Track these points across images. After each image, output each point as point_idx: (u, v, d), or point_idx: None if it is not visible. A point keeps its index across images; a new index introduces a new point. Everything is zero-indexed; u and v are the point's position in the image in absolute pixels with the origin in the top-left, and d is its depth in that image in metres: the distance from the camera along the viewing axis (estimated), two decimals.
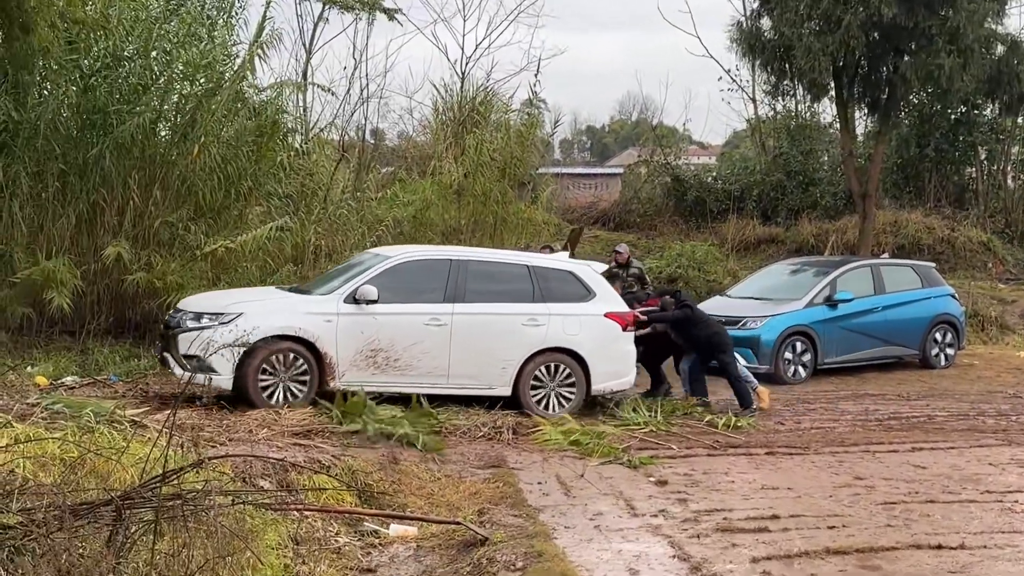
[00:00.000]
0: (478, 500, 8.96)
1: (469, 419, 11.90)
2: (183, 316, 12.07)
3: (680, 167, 30.67)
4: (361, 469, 9.30)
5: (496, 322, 12.54)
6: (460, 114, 25.84)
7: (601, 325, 12.98)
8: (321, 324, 11.92)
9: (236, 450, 9.16)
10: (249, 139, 16.83)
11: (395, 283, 12.34)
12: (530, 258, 13.77)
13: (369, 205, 20.60)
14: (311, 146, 20.25)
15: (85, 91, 15.65)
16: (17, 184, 14.91)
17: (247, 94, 17.57)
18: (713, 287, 22.05)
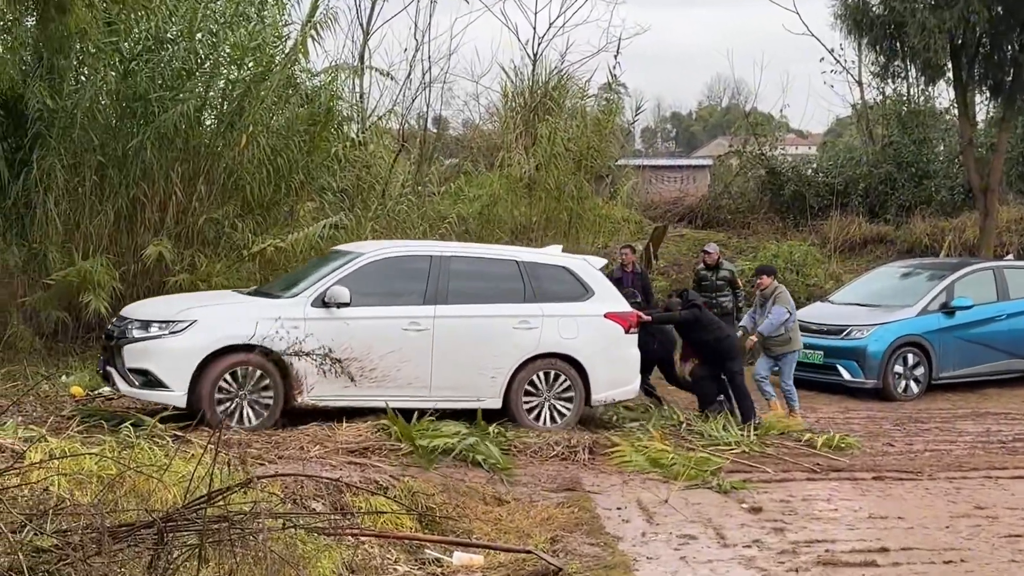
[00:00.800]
0: (551, 526, 8.94)
1: (540, 437, 11.87)
2: (128, 325, 11.64)
3: (776, 158, 30.33)
4: (422, 491, 9.33)
5: (483, 326, 12.32)
6: (532, 100, 25.82)
7: (601, 327, 12.77)
8: (286, 331, 11.63)
9: (286, 469, 9.26)
10: (301, 128, 17.01)
11: (369, 283, 12.08)
12: (519, 253, 13.56)
13: (431, 200, 20.75)
14: (368, 136, 20.42)
15: (125, 76, 15.92)
16: (52, 178, 15.23)
17: (299, 79, 17.77)
18: (813, 292, 21.81)
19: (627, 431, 12.42)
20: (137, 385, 11.28)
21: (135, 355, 11.33)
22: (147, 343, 11.35)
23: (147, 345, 11.34)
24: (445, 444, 10.86)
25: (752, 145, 30.50)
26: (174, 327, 11.39)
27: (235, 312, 11.94)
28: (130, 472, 7.24)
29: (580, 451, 11.48)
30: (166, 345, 11.29)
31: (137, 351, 11.34)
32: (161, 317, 11.57)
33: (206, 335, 11.33)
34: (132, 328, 11.54)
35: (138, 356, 11.31)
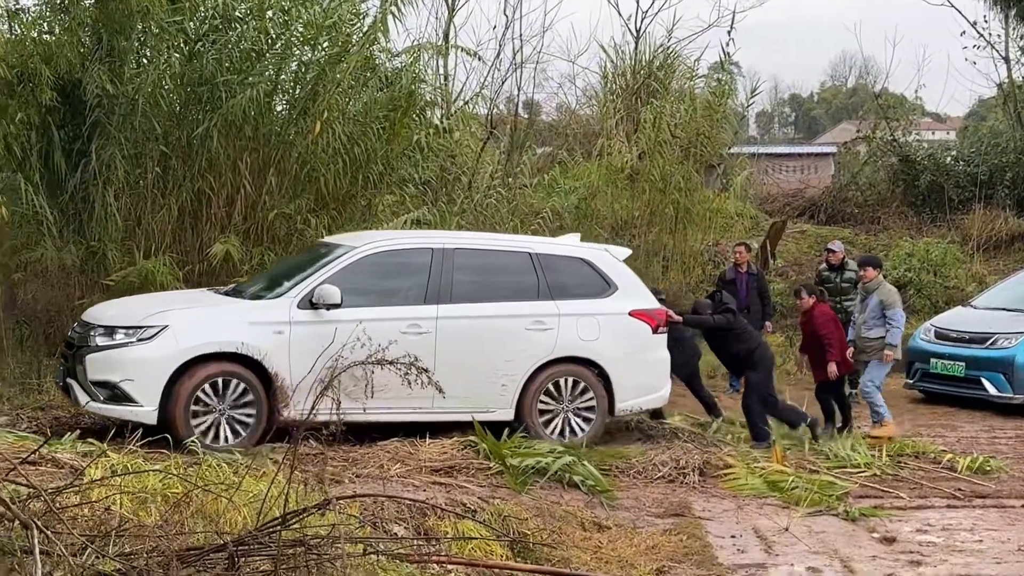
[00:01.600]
0: (656, 556, 8.91)
1: (645, 456, 11.85)
2: (91, 331, 11.32)
3: (910, 145, 29.89)
4: (514, 515, 9.34)
5: (492, 327, 12.11)
6: (634, 81, 25.84)
7: (625, 327, 12.58)
8: (270, 336, 11.32)
9: (365, 489, 9.34)
10: (380, 114, 17.10)
11: (362, 281, 11.82)
12: (532, 243, 13.35)
13: (522, 193, 20.79)
14: (453, 122, 20.51)
15: (190, 59, 16.17)
16: (112, 170, 15.50)
17: (378, 60, 17.86)
18: (953, 295, 21.50)
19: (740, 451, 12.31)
20: (101, 399, 10.94)
21: (99, 366, 10.99)
22: (112, 352, 11.02)
23: (112, 354, 11.00)
24: (539, 464, 10.86)
25: (883, 130, 30.10)
26: (142, 333, 11.07)
27: (212, 316, 11.71)
28: (197, 491, 7.36)
29: (689, 472, 11.42)
30: (134, 354, 10.96)
31: (101, 361, 11.00)
32: (128, 322, 11.23)
33: (179, 342, 11.03)
34: (95, 335, 11.20)
35: (102, 367, 10.97)
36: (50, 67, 15.19)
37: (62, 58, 15.59)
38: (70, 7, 16.36)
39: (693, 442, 12.51)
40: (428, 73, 20.19)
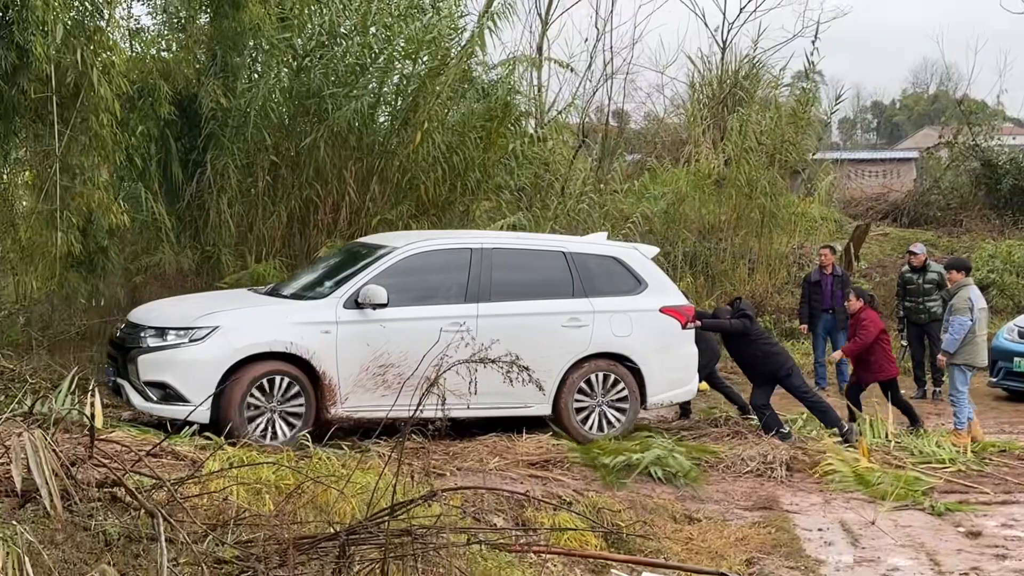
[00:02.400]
0: (745, 547, 8.85)
1: (733, 450, 11.77)
2: (142, 332, 11.07)
3: (992, 149, 29.36)
4: (607, 507, 9.35)
5: (531, 324, 11.85)
6: (721, 91, 25.72)
7: (656, 322, 12.41)
8: (317, 336, 11.11)
9: (466, 481, 9.39)
10: (477, 124, 17.18)
11: (404, 281, 11.59)
12: (566, 242, 13.07)
13: (613, 198, 20.77)
14: (547, 131, 20.52)
15: (298, 73, 16.37)
16: (225, 179, 15.75)
17: (475, 73, 17.96)
18: None
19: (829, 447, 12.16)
20: (155, 400, 10.70)
21: (152, 367, 10.77)
22: (165, 353, 10.82)
23: (165, 355, 10.80)
24: (631, 459, 10.83)
25: (965, 135, 29.61)
26: (194, 334, 10.87)
27: (260, 316, 11.47)
28: (308, 483, 7.43)
29: (777, 467, 11.33)
30: (186, 355, 10.78)
31: (154, 362, 10.78)
32: (179, 323, 11.05)
33: (230, 343, 10.86)
34: (147, 336, 10.99)
35: (155, 368, 10.76)
36: (168, 82, 15.44)
37: (179, 74, 15.84)
38: (187, 26, 16.63)
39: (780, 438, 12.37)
40: (523, 84, 20.29)
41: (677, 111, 29.57)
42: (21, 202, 16.87)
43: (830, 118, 32.11)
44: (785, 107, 23.52)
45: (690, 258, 21.43)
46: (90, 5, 13.99)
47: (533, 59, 23.03)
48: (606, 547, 8.59)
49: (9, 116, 14.28)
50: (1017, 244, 23.97)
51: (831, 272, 16.72)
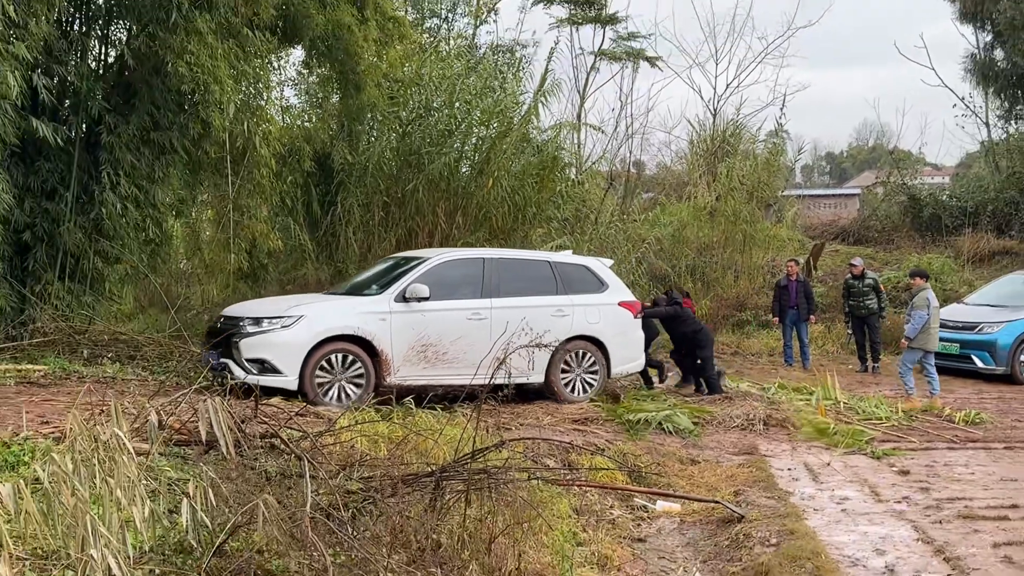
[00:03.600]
0: (734, 483, 8.77)
1: (723, 410, 11.64)
2: (241, 322, 10.78)
3: (916, 187, 28.84)
4: (631, 452, 9.31)
5: (529, 314, 11.41)
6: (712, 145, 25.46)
7: (617, 313, 12.14)
8: (376, 322, 10.87)
9: (527, 433, 9.37)
10: (533, 172, 17.18)
11: (437, 281, 11.31)
12: (549, 255, 12.87)
13: (634, 225, 20.63)
14: (584, 177, 20.48)
15: (403, 137, 16.45)
16: (351, 214, 15.88)
17: (532, 135, 17.96)
18: (949, 296, 20.61)
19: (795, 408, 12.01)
20: (255, 372, 10.37)
21: (252, 347, 10.51)
22: (262, 336, 10.54)
23: (263, 338, 10.52)
24: (647, 417, 10.77)
25: (895, 176, 29.13)
26: (285, 322, 10.62)
27: (334, 307, 11.17)
28: (412, 435, 7.46)
29: (756, 423, 11.18)
30: (280, 337, 10.51)
31: (254, 344, 10.51)
32: (271, 314, 10.80)
33: (313, 328, 10.61)
34: (246, 324, 10.70)
35: (255, 348, 10.50)
36: (309, 145, 15.63)
37: (317, 138, 16.03)
38: (323, 104, 16.83)
39: (759, 401, 12.24)
40: (566, 143, 20.24)
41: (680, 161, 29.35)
42: (204, 232, 17.14)
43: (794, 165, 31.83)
44: (760, 157, 23.30)
45: (691, 269, 21.28)
46: (253, 90, 14.20)
47: (574, 124, 22.98)
48: (630, 482, 8.56)
49: (196, 170, 14.56)
50: (935, 257, 23.56)
51: (796, 279, 16.52)
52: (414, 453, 7.03)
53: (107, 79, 12.96)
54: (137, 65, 12.31)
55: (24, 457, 6.26)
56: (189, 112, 12.93)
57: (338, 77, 15.81)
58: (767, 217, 24.44)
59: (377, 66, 15.69)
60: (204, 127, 13.01)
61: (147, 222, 13.17)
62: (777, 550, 6.66)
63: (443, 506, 5.71)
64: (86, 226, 12.53)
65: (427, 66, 16.85)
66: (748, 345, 18.33)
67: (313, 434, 6.93)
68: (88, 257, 12.60)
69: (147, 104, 12.51)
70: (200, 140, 13.30)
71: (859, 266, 16.30)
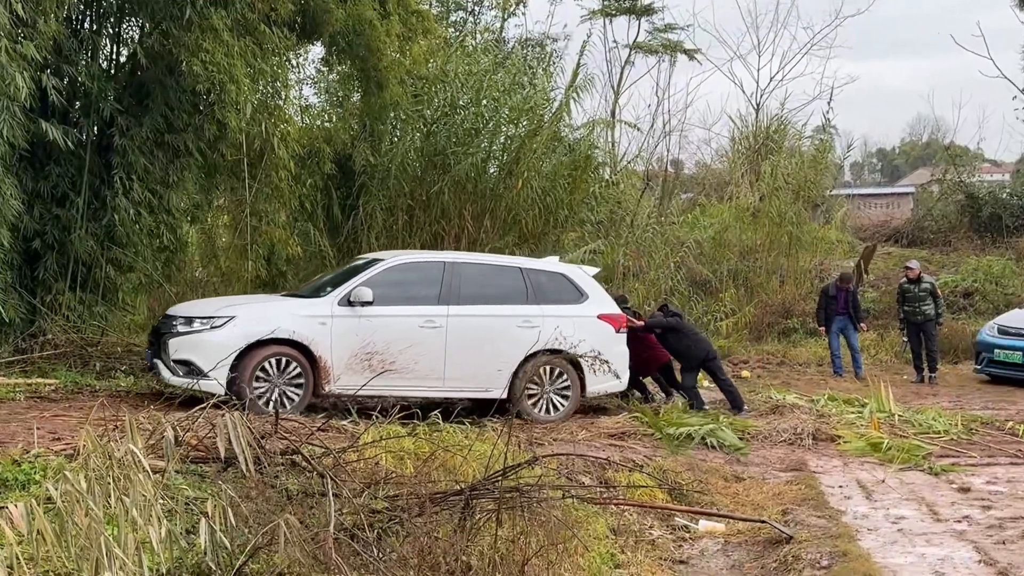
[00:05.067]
0: (781, 501, 8.70)
1: (769, 424, 11.57)
2: (174, 321, 10.61)
3: (974, 184, 28.61)
4: (671, 469, 9.25)
5: (491, 324, 11.26)
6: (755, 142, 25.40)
7: (595, 327, 11.67)
8: (315, 327, 10.58)
9: (561, 449, 9.35)
10: (565, 173, 17.20)
11: (389, 286, 11.01)
12: (522, 261, 12.41)
13: (672, 228, 20.60)
14: (619, 177, 20.48)
15: (427, 136, 16.53)
16: (373, 218, 15.97)
17: (563, 133, 17.99)
18: (1011, 300, 20.43)
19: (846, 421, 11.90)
20: (181, 374, 10.17)
21: (179, 347, 10.32)
22: (191, 336, 10.36)
23: (190, 339, 10.34)
24: (689, 431, 10.72)
25: (952, 174, 28.91)
26: (215, 322, 10.41)
27: (269, 309, 10.93)
28: (439, 451, 7.46)
29: (804, 437, 11.10)
30: (208, 338, 10.28)
31: (181, 344, 10.33)
32: (203, 314, 10.59)
33: (244, 330, 10.36)
34: (177, 324, 10.51)
35: (182, 348, 10.31)
36: (330, 146, 15.72)
37: (338, 139, 16.14)
38: (343, 103, 16.93)
39: (807, 414, 12.14)
40: (600, 141, 20.24)
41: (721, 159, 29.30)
42: (221, 238, 17.29)
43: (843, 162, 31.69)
44: (807, 154, 23.21)
45: (733, 274, 21.19)
46: (271, 89, 14.30)
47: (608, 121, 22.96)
48: (671, 500, 8.52)
49: (212, 174, 14.68)
50: (995, 260, 23.32)
51: (845, 289, 16.44)
52: (442, 470, 7.03)
53: (119, 79, 13.12)
54: (150, 64, 12.45)
55: (35, 475, 6.33)
56: (204, 113, 13.06)
57: (359, 74, 15.89)
58: (814, 218, 24.31)
59: (400, 62, 15.76)
60: (220, 128, 13.12)
61: (161, 228, 13.31)
62: (828, 573, 6.61)
63: (473, 526, 5.71)
64: (98, 233, 12.67)
65: (452, 62, 16.91)
66: (795, 354, 18.21)
67: (336, 450, 6.96)
68: (100, 265, 12.74)
69: (161, 105, 12.64)
70: (216, 142, 13.42)
71: (915, 269, 16.17)
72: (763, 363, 17.44)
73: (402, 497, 5.86)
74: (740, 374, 16.10)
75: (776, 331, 19.93)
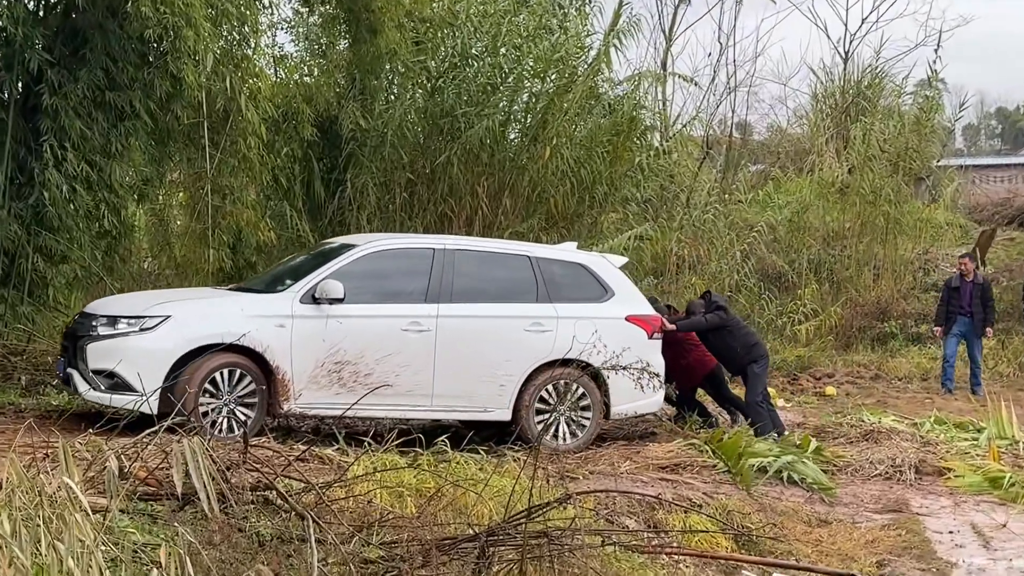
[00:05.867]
0: (876, 550, 8.70)
1: (861, 454, 11.56)
2: (93, 321, 10.31)
3: None
4: (737, 509, 9.25)
5: (492, 327, 11.15)
6: (843, 101, 25.37)
7: (622, 331, 11.42)
8: (271, 330, 10.32)
9: (600, 484, 9.36)
10: (604, 139, 17.18)
11: (364, 279, 10.81)
12: (531, 248, 12.29)
13: (738, 208, 20.58)
14: (672, 144, 20.45)
15: (432, 94, 16.56)
16: (365, 196, 16.00)
17: (602, 89, 17.97)
18: None
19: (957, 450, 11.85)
20: (103, 388, 9.98)
21: (101, 355, 10.05)
22: (114, 341, 10.08)
23: (115, 344, 10.06)
24: (761, 462, 10.70)
25: None
26: (145, 323, 10.12)
27: (213, 308, 10.77)
28: (447, 486, 7.48)
29: (905, 470, 11.06)
30: (136, 344, 10.03)
31: (103, 350, 10.05)
32: (131, 312, 10.31)
33: (180, 333, 10.10)
34: (98, 325, 10.22)
35: (104, 356, 10.03)
36: (310, 106, 15.74)
37: (321, 98, 16.15)
38: (327, 52, 16.96)
39: (909, 441, 12.09)
40: (648, 99, 20.22)
41: (800, 121, 29.22)
42: (175, 221, 17.36)
43: (954, 125, 31.44)
44: (908, 115, 23.10)
45: (815, 265, 21.14)
46: (238, 35, 14.34)
47: (658, 74, 22.94)
48: (736, 549, 8.51)
49: (164, 141, 14.72)
50: None
51: (971, 279, 16.35)
52: (451, 510, 7.06)
53: (49, 24, 13.18)
54: (87, 5, 12.50)
55: None
56: (155, 65, 13.09)
57: (347, 17, 15.91)
58: (918, 195, 24.23)
59: (398, 1, 15.78)
60: (174, 84, 13.15)
61: (101, 209, 13.34)
62: None
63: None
64: (23, 215, 12.74)
65: (463, 0, 16.91)
66: (893, 366, 18.14)
67: (319, 485, 6.98)
68: (26, 255, 12.81)
69: (101, 56, 12.69)
70: (169, 101, 13.45)
71: None
72: (853, 377, 17.38)
73: (402, 543, 5.89)
74: (824, 391, 16.06)
75: (869, 337, 19.87)
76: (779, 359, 17.58)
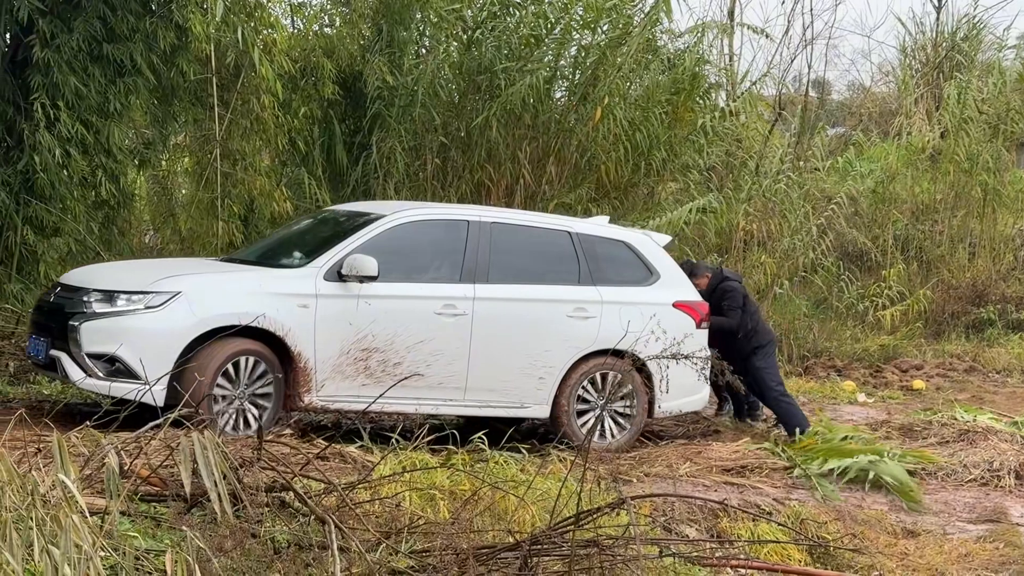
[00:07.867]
0: (970, 565, 8.68)
1: (954, 456, 11.51)
2: (86, 295, 9.95)
3: None
4: (812, 518, 9.25)
5: (532, 312, 11.06)
6: (935, 55, 25.18)
7: (670, 319, 11.18)
8: (294, 310, 10.10)
9: (657, 488, 9.37)
10: (662, 98, 17.13)
11: (392, 254, 10.58)
12: (571, 222, 12.08)
13: (814, 177, 20.46)
14: (739, 105, 20.33)
15: (468, 47, 16.54)
16: (392, 162, 15.99)
17: (660, 42, 17.91)
18: None
19: None
20: (101, 374, 9.67)
21: (99, 335, 9.72)
22: (116, 319, 9.79)
23: (116, 323, 9.77)
24: (841, 465, 10.67)
25: None
26: (151, 300, 9.81)
27: (228, 283, 10.47)
28: (485, 488, 7.48)
29: (1004, 474, 11.02)
30: (143, 323, 9.75)
31: (102, 330, 9.73)
32: (132, 287, 9.97)
33: (193, 312, 9.82)
34: (92, 301, 9.89)
35: (104, 337, 9.72)
36: (332, 60, 15.74)
37: (343, 51, 16.14)
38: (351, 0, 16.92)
39: (1008, 442, 12.01)
40: (712, 53, 20.18)
41: (885, 79, 29.08)
42: (180, 190, 17.46)
43: None
44: (1011, 72, 22.93)
45: (902, 242, 21.05)
46: None
47: (724, 25, 22.83)
48: (811, 562, 8.52)
49: (168, 99, 14.78)
50: None
51: None
52: (489, 515, 7.08)
53: None
54: None
55: None
56: (158, 14, 13.15)
57: None
58: (1020, 163, 24.02)
59: None
60: (179, 36, 13.21)
61: (98, 175, 13.44)
62: None
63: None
64: (11, 182, 12.85)
65: None
66: (990, 357, 18.05)
67: (342, 486, 7.02)
68: (14, 227, 12.93)
69: (98, 4, 12.75)
70: (174, 55, 13.51)
71: None
72: (944, 370, 17.28)
73: (434, 552, 5.91)
74: (911, 385, 15.98)
75: (963, 324, 19.77)
76: (860, 348, 17.53)
